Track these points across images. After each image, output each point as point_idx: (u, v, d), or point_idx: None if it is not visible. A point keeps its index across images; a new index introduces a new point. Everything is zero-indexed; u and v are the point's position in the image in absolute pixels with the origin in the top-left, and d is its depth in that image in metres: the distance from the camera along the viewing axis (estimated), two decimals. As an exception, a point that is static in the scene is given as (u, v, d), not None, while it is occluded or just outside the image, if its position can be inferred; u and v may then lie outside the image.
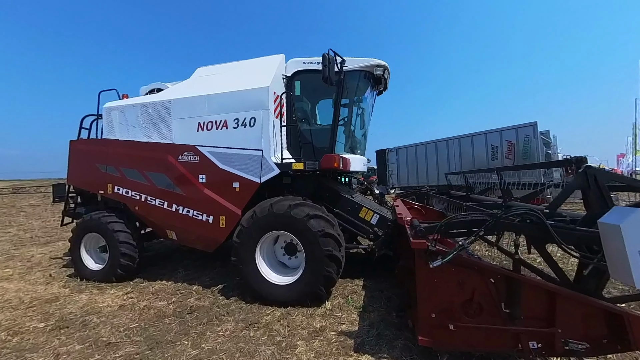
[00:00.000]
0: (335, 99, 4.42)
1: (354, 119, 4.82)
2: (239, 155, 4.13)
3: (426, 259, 2.33)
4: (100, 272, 4.77)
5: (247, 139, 4.09)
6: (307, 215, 3.58)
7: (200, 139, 4.33)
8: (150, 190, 4.60)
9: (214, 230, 4.24)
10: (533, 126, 10.05)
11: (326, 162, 3.95)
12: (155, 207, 4.56)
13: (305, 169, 4.03)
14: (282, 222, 3.67)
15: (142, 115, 4.74)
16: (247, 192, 4.10)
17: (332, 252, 3.52)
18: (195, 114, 4.38)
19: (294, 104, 4.53)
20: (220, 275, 4.97)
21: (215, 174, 4.24)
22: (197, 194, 4.32)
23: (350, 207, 4.55)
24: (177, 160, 4.44)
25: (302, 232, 3.60)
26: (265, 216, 3.72)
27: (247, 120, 4.10)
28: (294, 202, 3.72)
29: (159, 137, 4.62)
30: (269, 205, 3.73)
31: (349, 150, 4.74)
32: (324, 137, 4.54)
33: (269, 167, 4.02)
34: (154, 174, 4.58)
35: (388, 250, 4.37)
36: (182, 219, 4.41)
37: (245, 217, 3.86)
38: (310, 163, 4.02)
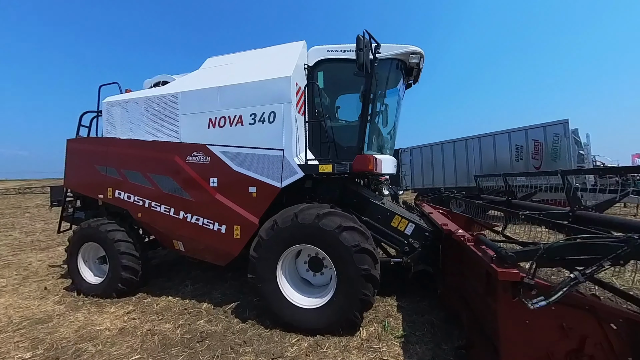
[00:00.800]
0: (366, 91, 3.85)
1: (383, 115, 4.24)
2: (256, 155, 3.58)
3: (516, 294, 1.75)
4: (100, 287, 4.26)
5: (266, 137, 3.54)
6: (338, 227, 3.02)
7: (212, 137, 3.80)
8: (154, 195, 4.08)
9: (226, 241, 3.70)
10: (564, 124, 9.35)
11: (360, 164, 3.38)
12: (161, 214, 4.04)
13: (334, 172, 3.46)
14: (309, 234, 3.11)
15: (145, 110, 4.23)
16: (265, 198, 3.55)
17: (369, 271, 2.95)
18: (205, 109, 3.85)
19: (317, 97, 3.97)
20: (232, 290, 4.43)
21: (229, 177, 3.70)
22: (208, 200, 3.78)
23: (380, 214, 3.97)
24: (185, 161, 3.91)
25: (333, 247, 3.03)
26: (289, 227, 3.16)
27: (265, 115, 3.55)
28: (322, 210, 3.16)
29: (164, 135, 4.10)
30: (293, 214, 3.17)
31: (376, 150, 4.16)
32: (350, 135, 3.98)
33: (291, 169, 3.46)
34: (159, 177, 4.06)
35: (426, 265, 3.79)
36: (191, 228, 3.88)
37: (265, 228, 3.31)
38: (340, 165, 3.45)
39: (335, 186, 4.02)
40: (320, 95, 4.00)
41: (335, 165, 3.44)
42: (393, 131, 4.37)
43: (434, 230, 3.77)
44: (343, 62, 3.97)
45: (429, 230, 3.80)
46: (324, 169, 3.45)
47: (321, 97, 4.00)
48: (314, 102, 3.96)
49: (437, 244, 3.69)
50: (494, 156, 11.15)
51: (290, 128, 3.47)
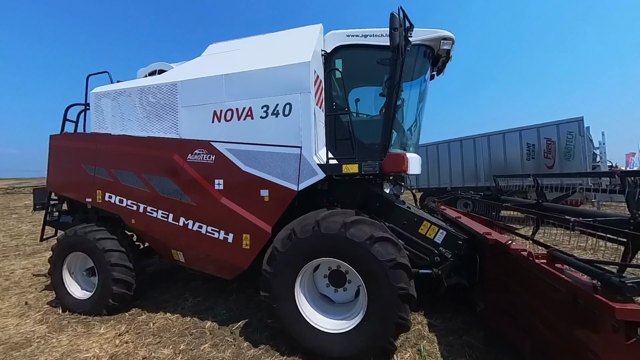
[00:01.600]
0: (392, 81, 3.40)
1: (408, 109, 3.79)
2: (268, 154, 3.10)
3: (633, 335, 1.32)
4: (88, 302, 3.76)
5: (281, 133, 3.07)
6: (370, 238, 2.57)
7: (217, 133, 3.31)
8: (150, 199, 3.58)
9: (234, 252, 3.23)
10: (579, 122, 9.02)
11: (392, 164, 2.93)
12: (157, 221, 3.54)
13: (361, 173, 3.00)
14: (334, 246, 2.66)
15: (140, 102, 3.72)
16: (279, 202, 3.08)
17: (406, 290, 2.51)
18: (209, 100, 3.36)
19: (335, 88, 3.51)
20: (238, 304, 3.96)
21: (237, 179, 3.22)
22: (212, 205, 3.30)
23: (406, 220, 3.53)
24: (186, 160, 3.42)
25: (363, 262, 2.58)
26: (310, 238, 2.70)
27: (280, 107, 3.07)
28: (349, 218, 2.70)
29: (161, 130, 3.59)
30: (314, 222, 2.71)
31: (401, 148, 3.72)
32: (373, 131, 3.53)
33: (309, 169, 3.00)
34: (156, 178, 3.56)
35: (460, 278, 3.36)
36: (192, 237, 3.39)
37: (280, 238, 2.85)
38: (368, 165, 3.00)
39: (356, 188, 3.57)
40: (339, 86, 3.54)
41: (362, 165, 2.98)
42: (418, 127, 3.93)
43: (468, 239, 3.35)
44: (365, 48, 3.51)
45: (462, 238, 3.37)
46: (348, 169, 2.99)
47: (340, 88, 3.54)
48: (332, 94, 3.50)
49: (474, 254, 3.27)
50: (503, 155, 10.80)
51: (309, 122, 3.00)
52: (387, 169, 2.94)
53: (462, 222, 3.76)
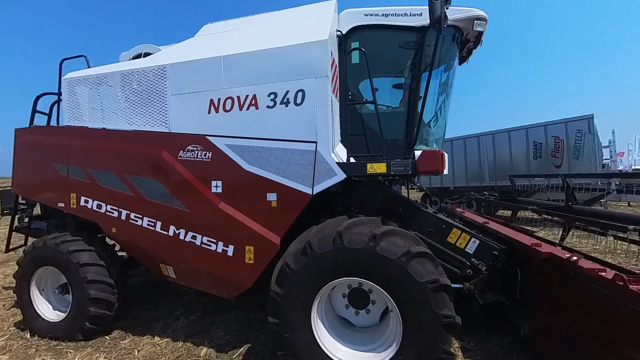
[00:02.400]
0: (419, 66, 2.94)
1: (433, 100, 3.33)
2: (277, 150, 2.60)
3: None
4: (61, 326, 3.19)
5: (292, 125, 2.56)
6: (406, 254, 2.09)
7: (214, 126, 2.78)
8: (134, 204, 3.03)
9: (235, 267, 2.72)
10: (588, 120, 8.73)
11: (428, 163, 2.46)
12: (143, 230, 2.99)
13: (389, 174, 2.52)
14: (361, 264, 2.17)
15: (122, 89, 3.16)
16: (290, 208, 2.58)
17: (452, 319, 2.04)
18: (205, 87, 2.83)
19: (351, 74, 3.02)
20: (238, 323, 3.44)
21: (238, 180, 2.71)
22: (209, 211, 2.78)
23: (433, 227, 3.07)
24: (177, 158, 2.88)
25: (398, 283, 2.10)
26: (330, 253, 2.21)
27: (291, 94, 2.57)
28: (378, 229, 2.22)
29: (148, 122, 3.05)
30: (336, 233, 2.22)
31: (425, 144, 3.25)
32: (395, 125, 3.06)
33: (327, 169, 2.50)
34: (141, 180, 3.01)
35: (497, 295, 2.92)
36: (185, 249, 2.86)
37: (293, 252, 2.35)
38: (399, 164, 2.51)
39: (377, 191, 3.09)
40: (354, 72, 3.04)
41: (391, 164, 2.50)
42: (444, 120, 3.46)
43: (505, 249, 2.91)
44: (385, 29, 3.03)
45: (498, 248, 2.93)
46: (374, 169, 2.50)
47: (352, 74, 3.04)
48: (347, 82, 3.01)
49: (515, 267, 2.83)
50: (509, 154, 10.48)
51: (326, 112, 2.50)
52: (423, 169, 2.46)
53: (496, 230, 3.32)
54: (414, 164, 2.49)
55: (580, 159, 8.93)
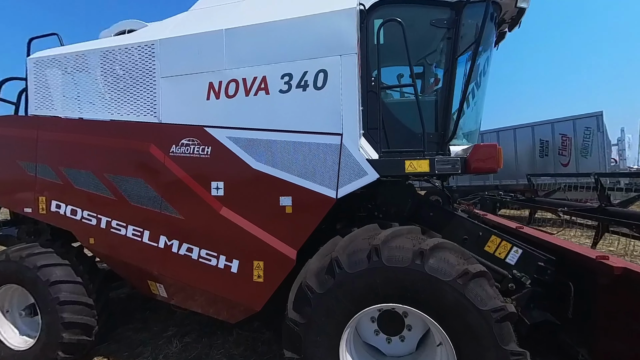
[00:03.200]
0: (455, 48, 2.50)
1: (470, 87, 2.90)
2: (292, 145, 2.13)
3: None
4: (29, 354, 2.66)
5: (311, 114, 2.10)
6: (463, 275, 1.66)
7: (214, 115, 2.30)
8: (117, 210, 2.52)
9: (240, 287, 2.24)
10: (597, 117, 8.49)
11: (483, 159, 2.01)
12: (127, 241, 2.49)
13: (433, 173, 2.08)
14: (405, 287, 1.73)
15: (101, 72, 2.63)
16: (309, 215, 2.12)
17: (522, 356, 1.62)
18: (203, 67, 2.33)
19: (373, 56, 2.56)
20: (241, 346, 2.96)
21: (244, 181, 2.24)
22: (208, 218, 2.29)
23: (469, 234, 2.65)
24: (168, 154, 2.38)
25: (453, 312, 1.67)
26: (365, 273, 1.76)
27: (310, 76, 2.09)
28: (424, 242, 1.78)
29: (132, 112, 2.53)
30: (371, 248, 1.77)
31: (462, 139, 2.82)
32: (426, 116, 2.62)
33: (355, 167, 2.04)
34: (125, 180, 2.50)
35: (543, 313, 2.52)
36: (178, 264, 2.37)
37: (315, 271, 1.89)
38: (446, 161, 2.07)
39: (406, 193, 2.65)
40: (375, 54, 2.59)
41: (436, 162, 2.05)
42: (479, 110, 3.03)
43: (552, 259, 2.51)
44: (416, 4, 2.59)
45: (544, 258, 2.53)
46: (414, 167, 2.05)
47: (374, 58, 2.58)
48: (368, 65, 2.55)
49: (566, 281, 2.43)
50: (514, 151, 10.19)
51: (354, 97, 2.04)
52: (476, 166, 2.02)
53: (534, 236, 2.92)
54: (464, 161, 2.04)
55: (589, 157, 8.70)
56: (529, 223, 4.76)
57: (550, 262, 2.49)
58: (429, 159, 2.06)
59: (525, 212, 7.07)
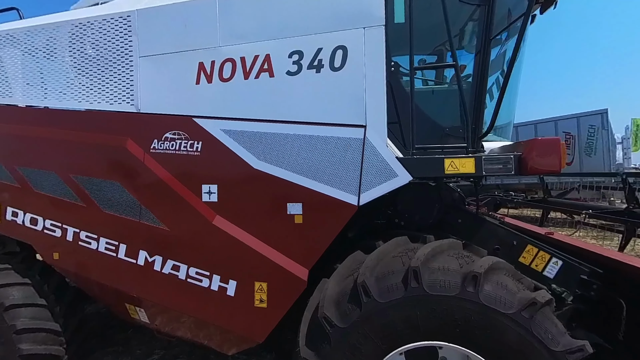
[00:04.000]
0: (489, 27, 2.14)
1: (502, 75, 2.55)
2: (303, 139, 1.73)
3: None
4: (-21, 393, 2.20)
5: (326, 100, 1.71)
6: (529, 306, 1.30)
7: (205, 102, 1.88)
8: (87, 219, 2.08)
9: (238, 313, 1.84)
10: (602, 115, 8.31)
11: (544, 158, 1.64)
12: (99, 257, 2.05)
13: (480, 174, 1.70)
14: (453, 320, 1.35)
15: (70, 50, 2.18)
16: (324, 227, 1.73)
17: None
18: (191, 44, 1.90)
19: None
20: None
21: (243, 184, 1.84)
22: (198, 230, 1.88)
23: (501, 243, 2.31)
24: (150, 150, 1.95)
25: (516, 351, 1.31)
26: (402, 303, 1.38)
27: (325, 54, 1.69)
28: (474, 262, 1.42)
29: (105, 99, 2.08)
30: (409, 270, 1.39)
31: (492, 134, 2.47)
32: (450, 107, 2.27)
33: (382, 167, 1.65)
34: (96, 183, 2.06)
35: (588, 333, 2.18)
36: (162, 285, 1.95)
37: (335, 299, 1.51)
38: (495, 160, 1.69)
39: (434, 197, 2.28)
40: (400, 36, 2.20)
41: (483, 160, 1.67)
42: (514, 100, 2.67)
43: (598, 272, 2.18)
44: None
45: (588, 270, 2.19)
46: (456, 167, 1.66)
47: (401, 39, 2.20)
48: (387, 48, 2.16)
49: (615, 298, 2.10)
50: (516, 150, 9.97)
51: (381, 81, 1.65)
52: (536, 166, 1.65)
53: (571, 244, 2.59)
54: (517, 160, 1.66)
55: (593, 155, 8.52)
56: (541, 224, 4.48)
57: (596, 275, 2.15)
58: (474, 157, 1.68)
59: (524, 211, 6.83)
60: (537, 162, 1.62)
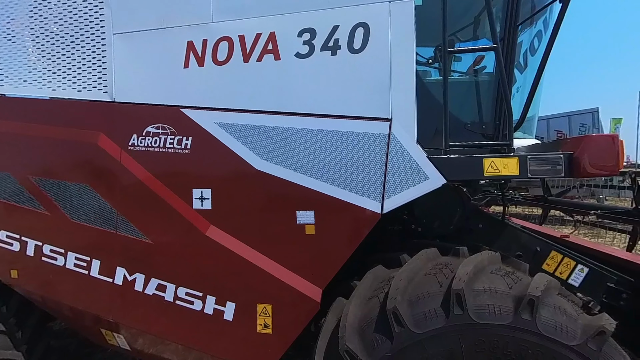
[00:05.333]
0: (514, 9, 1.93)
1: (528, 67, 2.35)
2: (315, 134, 1.46)
3: None
4: None
5: (344, 88, 1.44)
6: (597, 336, 1.08)
7: (195, 90, 1.57)
8: (51, 230, 1.74)
9: (238, 340, 1.56)
10: (593, 113, 8.42)
11: (601, 156, 1.42)
12: (67, 274, 1.71)
13: (525, 176, 1.47)
14: (506, 354, 1.12)
15: (30, 28, 1.81)
16: (341, 238, 1.47)
17: None
18: (177, 19, 1.58)
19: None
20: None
21: (243, 188, 1.55)
22: (188, 242, 1.58)
23: (523, 249, 2.14)
24: (127, 147, 1.62)
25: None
26: (443, 334, 1.14)
27: (342, 32, 1.41)
28: (533, 285, 1.19)
29: (71, 85, 1.74)
30: (451, 293, 1.15)
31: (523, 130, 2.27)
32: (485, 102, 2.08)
33: (412, 168, 1.40)
34: (62, 187, 1.72)
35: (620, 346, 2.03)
36: (145, 308, 1.64)
37: (356, 326, 1.26)
38: (543, 160, 1.46)
39: (456, 201, 2.05)
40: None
41: (529, 160, 1.44)
42: (539, 95, 2.48)
43: (628, 280, 2.03)
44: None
45: (616, 279, 2.04)
46: (497, 168, 1.42)
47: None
48: None
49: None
50: (508, 148, 10.04)
51: (410, 66, 1.39)
52: (593, 167, 1.43)
53: (597, 249, 2.43)
54: (569, 159, 1.44)
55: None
56: (541, 223, 4.40)
57: (624, 283, 2.00)
58: (518, 157, 1.45)
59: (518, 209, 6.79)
60: (593, 163, 1.41)
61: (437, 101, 1.93)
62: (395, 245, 1.98)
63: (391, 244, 2.03)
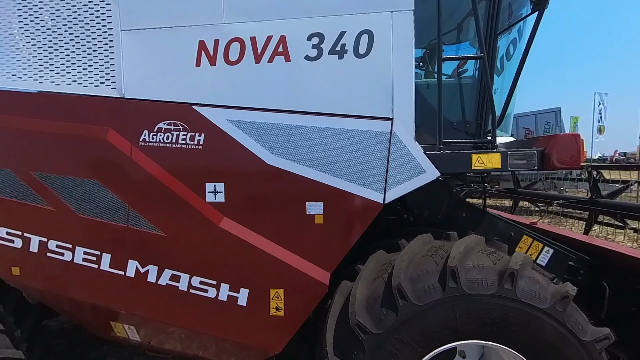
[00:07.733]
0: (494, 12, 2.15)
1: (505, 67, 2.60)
2: (323, 132, 1.58)
3: None
4: None
5: (350, 90, 1.57)
6: (563, 299, 1.33)
7: (208, 88, 1.64)
8: (57, 225, 1.73)
9: (252, 324, 1.67)
10: (556, 112, 9.14)
11: (565, 152, 1.66)
12: (76, 270, 1.72)
13: (505, 169, 1.68)
14: (491, 319, 1.33)
15: (30, 22, 1.76)
16: (347, 227, 1.62)
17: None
18: (189, 18, 1.62)
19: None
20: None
21: (255, 182, 1.65)
22: (203, 234, 1.66)
23: (499, 234, 2.40)
24: (138, 144, 1.66)
25: (550, 345, 1.33)
26: (440, 304, 1.33)
27: (349, 38, 1.54)
28: (504, 258, 1.43)
29: (79, 80, 1.73)
30: (446, 270, 1.34)
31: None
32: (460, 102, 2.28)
33: (411, 163, 1.57)
34: (69, 183, 1.72)
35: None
36: (158, 298, 1.70)
37: (364, 304, 1.43)
38: (520, 155, 1.68)
39: (444, 192, 2.27)
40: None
41: (508, 155, 1.65)
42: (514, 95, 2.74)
43: (585, 258, 2.36)
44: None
45: (574, 257, 2.37)
46: (483, 162, 1.63)
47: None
48: None
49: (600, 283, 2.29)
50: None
51: (410, 70, 1.55)
52: (557, 161, 1.67)
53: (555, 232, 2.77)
54: (541, 155, 1.68)
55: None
56: (512, 212, 4.85)
57: (581, 261, 2.32)
58: (500, 152, 1.67)
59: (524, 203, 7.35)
60: (560, 158, 1.66)
61: (424, 101, 2.13)
62: (391, 233, 2.16)
63: (387, 232, 2.22)
